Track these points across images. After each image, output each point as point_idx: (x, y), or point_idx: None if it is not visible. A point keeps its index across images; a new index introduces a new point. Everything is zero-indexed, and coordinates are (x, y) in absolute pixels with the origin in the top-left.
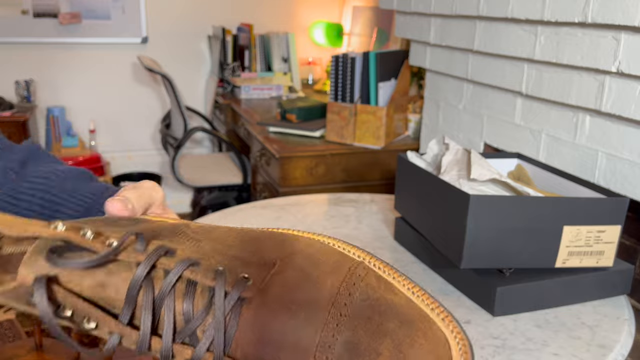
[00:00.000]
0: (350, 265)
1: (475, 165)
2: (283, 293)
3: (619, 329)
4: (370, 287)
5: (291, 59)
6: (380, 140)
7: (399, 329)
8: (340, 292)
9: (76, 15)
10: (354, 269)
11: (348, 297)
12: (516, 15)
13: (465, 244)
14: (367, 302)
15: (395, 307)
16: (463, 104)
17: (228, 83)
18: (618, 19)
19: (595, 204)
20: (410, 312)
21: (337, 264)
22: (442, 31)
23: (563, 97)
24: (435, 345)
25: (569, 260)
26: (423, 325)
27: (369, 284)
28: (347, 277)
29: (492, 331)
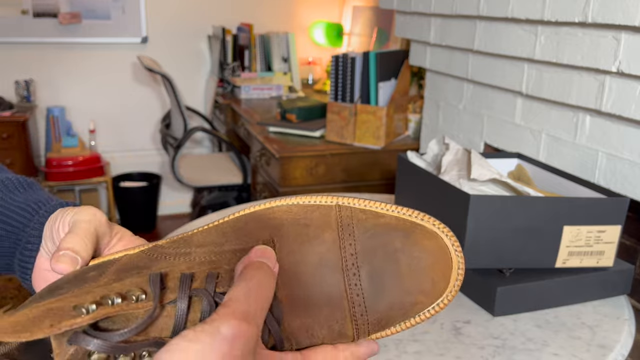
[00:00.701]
0: (334, 213)
1: (476, 165)
2: (296, 262)
3: (619, 329)
4: (361, 221)
5: (291, 59)
6: (380, 140)
7: (404, 243)
8: (341, 238)
9: (76, 15)
10: (340, 213)
11: (350, 238)
12: (516, 15)
13: (465, 244)
14: (366, 234)
15: (391, 228)
16: (463, 104)
17: (228, 83)
18: (618, 19)
19: (596, 204)
20: (405, 226)
21: (322, 217)
22: (442, 31)
23: (563, 97)
24: (436, 240)
25: (569, 260)
26: (420, 230)
27: (359, 219)
28: (340, 223)
29: (492, 331)
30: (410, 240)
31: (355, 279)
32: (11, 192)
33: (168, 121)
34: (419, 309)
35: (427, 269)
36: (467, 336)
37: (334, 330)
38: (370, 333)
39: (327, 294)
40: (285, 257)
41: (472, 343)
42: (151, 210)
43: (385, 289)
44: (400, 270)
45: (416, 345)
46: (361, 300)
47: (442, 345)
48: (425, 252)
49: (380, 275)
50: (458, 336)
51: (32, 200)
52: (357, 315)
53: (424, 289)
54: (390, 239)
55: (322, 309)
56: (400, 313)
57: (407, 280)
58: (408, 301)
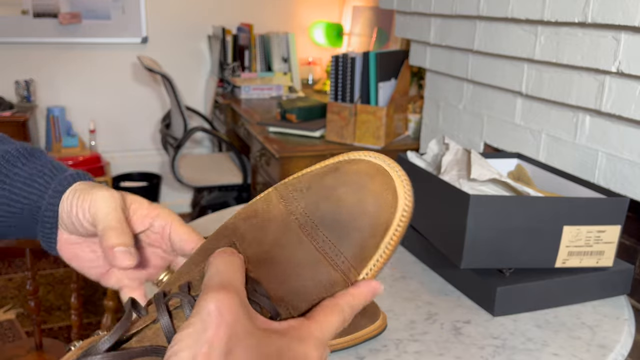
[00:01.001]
0: (273, 195)
1: (475, 165)
2: (259, 246)
3: (619, 329)
4: (296, 186)
5: (291, 59)
6: (380, 140)
7: (335, 179)
8: (286, 206)
9: (76, 15)
10: (278, 192)
11: (294, 202)
12: (516, 15)
13: (465, 244)
14: (304, 191)
15: (320, 175)
16: (463, 104)
17: (228, 83)
18: (618, 19)
19: (595, 204)
20: (331, 167)
21: (264, 202)
22: (442, 31)
23: (563, 97)
24: (361, 162)
25: (569, 260)
26: (344, 163)
27: (294, 185)
28: (281, 198)
29: (492, 331)
30: (339, 174)
31: (314, 229)
32: (14, 166)
33: (168, 121)
34: (383, 225)
35: (366, 187)
36: (467, 336)
37: (322, 282)
38: (357, 269)
39: (297, 255)
40: (248, 248)
41: (472, 343)
42: None
43: (342, 222)
44: (344, 200)
45: (416, 345)
46: (330, 244)
47: (442, 345)
48: (357, 174)
49: (332, 213)
50: (458, 336)
51: (37, 174)
52: (333, 259)
53: (374, 203)
54: (323, 182)
55: (302, 269)
56: (368, 235)
57: (354, 206)
58: (367, 222)
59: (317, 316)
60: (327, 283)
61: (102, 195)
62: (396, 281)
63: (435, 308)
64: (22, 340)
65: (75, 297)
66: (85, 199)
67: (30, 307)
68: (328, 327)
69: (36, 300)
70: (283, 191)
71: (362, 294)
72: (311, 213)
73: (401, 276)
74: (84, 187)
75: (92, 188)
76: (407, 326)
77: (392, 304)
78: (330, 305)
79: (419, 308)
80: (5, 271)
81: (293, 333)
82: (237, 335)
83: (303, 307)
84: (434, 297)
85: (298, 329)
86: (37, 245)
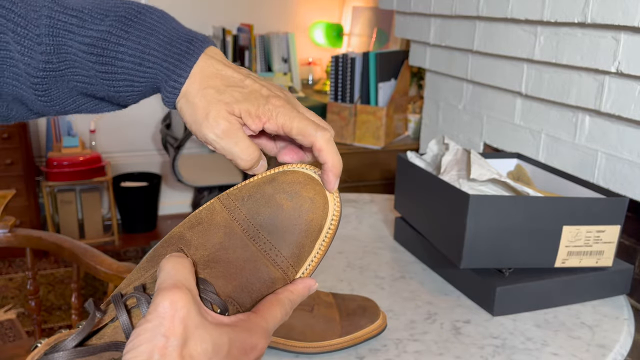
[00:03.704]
0: (216, 204)
1: (475, 165)
2: (204, 249)
3: (618, 328)
4: (238, 195)
5: (291, 59)
6: (380, 140)
7: (273, 187)
8: (229, 214)
9: None
10: (221, 201)
11: (236, 210)
12: (516, 15)
13: (465, 243)
14: (245, 200)
15: (260, 184)
16: (463, 104)
17: None
18: (618, 19)
19: (595, 203)
20: (269, 178)
21: (208, 211)
22: (442, 31)
23: (563, 97)
24: (295, 173)
25: (569, 260)
26: (281, 174)
27: (236, 195)
28: (224, 206)
29: (492, 331)
30: (277, 182)
31: (255, 232)
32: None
33: (168, 121)
34: (316, 226)
35: (300, 193)
36: (467, 336)
37: (264, 279)
38: (295, 267)
39: (241, 256)
40: (195, 252)
41: (471, 343)
42: (151, 210)
43: (280, 225)
44: (281, 205)
45: (416, 344)
46: (269, 245)
47: (442, 344)
48: (292, 183)
49: (271, 218)
50: (458, 336)
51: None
52: (273, 257)
53: (307, 208)
54: (263, 191)
55: (245, 268)
56: (303, 236)
57: (290, 210)
58: (302, 223)
59: (262, 310)
60: (268, 280)
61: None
62: (396, 281)
63: (435, 308)
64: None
65: (75, 297)
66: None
67: (30, 306)
68: (272, 319)
69: (37, 300)
70: (225, 201)
71: (299, 290)
72: (252, 218)
73: (401, 276)
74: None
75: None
76: (407, 326)
77: (392, 303)
78: (273, 300)
79: (419, 308)
80: (6, 271)
81: (242, 325)
82: (191, 328)
83: (247, 303)
84: (433, 297)
85: (246, 321)
86: (38, 245)
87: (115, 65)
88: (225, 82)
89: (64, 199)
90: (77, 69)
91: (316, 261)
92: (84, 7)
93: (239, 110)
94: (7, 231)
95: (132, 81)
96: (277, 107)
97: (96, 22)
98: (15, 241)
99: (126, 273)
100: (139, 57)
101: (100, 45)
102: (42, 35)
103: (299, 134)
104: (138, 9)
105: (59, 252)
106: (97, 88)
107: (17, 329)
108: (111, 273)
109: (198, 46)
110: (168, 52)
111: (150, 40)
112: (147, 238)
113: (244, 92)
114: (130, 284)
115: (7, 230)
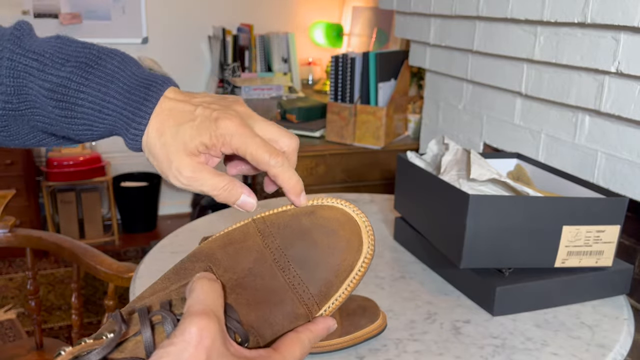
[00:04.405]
0: (251, 225)
1: (475, 165)
2: (234, 273)
3: (618, 328)
4: (274, 222)
5: (291, 59)
6: (380, 140)
7: (311, 221)
8: (263, 240)
9: (77, 16)
10: (255, 224)
11: (270, 237)
12: (516, 15)
13: (465, 243)
14: (281, 228)
15: (298, 216)
16: (463, 104)
17: (228, 83)
18: (617, 19)
19: (595, 203)
20: (308, 210)
21: (241, 232)
22: (441, 31)
23: (562, 97)
24: (335, 209)
25: (568, 260)
26: (320, 208)
27: (272, 221)
28: (258, 230)
29: (492, 331)
30: (315, 217)
31: (286, 264)
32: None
33: None
34: (347, 267)
35: (337, 232)
36: (467, 336)
37: (288, 313)
38: (319, 305)
39: (269, 286)
40: (224, 274)
41: (471, 343)
42: (151, 210)
43: (312, 262)
44: (317, 241)
45: (416, 344)
46: (298, 279)
47: (442, 344)
48: (330, 220)
49: (304, 252)
50: (457, 336)
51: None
52: (300, 293)
53: (342, 248)
54: (300, 223)
55: (270, 299)
56: (334, 276)
57: (325, 247)
58: (334, 263)
59: (282, 348)
60: (292, 315)
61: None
62: (396, 281)
63: (435, 308)
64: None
65: (75, 296)
66: None
67: (30, 306)
68: (292, 359)
69: (37, 300)
70: (261, 225)
71: (319, 330)
72: (285, 249)
73: (401, 276)
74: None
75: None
76: (407, 326)
77: (392, 303)
78: (294, 339)
79: (419, 308)
80: (6, 271)
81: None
82: (213, 359)
83: (268, 336)
84: (433, 297)
85: (267, 358)
86: (38, 245)
87: (75, 110)
88: (177, 120)
89: (64, 199)
90: (37, 109)
91: (340, 301)
92: (45, 51)
93: (195, 147)
94: (7, 231)
95: (91, 126)
96: (230, 130)
97: (57, 66)
98: (15, 241)
99: (126, 273)
100: (99, 105)
101: (60, 91)
102: (3, 76)
103: (253, 160)
104: (99, 54)
105: (59, 252)
106: (57, 129)
107: (17, 329)
108: (111, 273)
109: (156, 90)
110: (127, 100)
111: (109, 88)
112: (147, 238)
113: (195, 125)
114: (155, 294)
115: (7, 230)
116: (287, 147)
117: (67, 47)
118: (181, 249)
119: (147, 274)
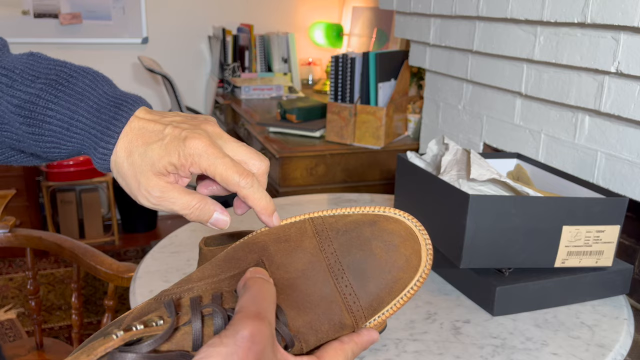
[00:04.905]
0: (308, 224)
1: (475, 165)
2: (286, 272)
3: (618, 328)
4: (332, 225)
5: (291, 59)
6: (380, 141)
7: (372, 231)
8: (319, 242)
9: (77, 16)
10: (313, 223)
11: (326, 240)
12: (515, 15)
13: (465, 243)
14: (339, 233)
15: (359, 222)
16: (463, 104)
17: (228, 83)
18: (617, 19)
19: (595, 203)
20: (370, 218)
21: (298, 230)
22: (441, 31)
23: (562, 98)
24: (399, 223)
25: (568, 260)
26: (383, 219)
27: (330, 223)
28: (315, 231)
29: (492, 331)
30: (377, 228)
31: (340, 272)
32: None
33: None
34: (402, 285)
35: (398, 247)
36: (467, 336)
37: (335, 322)
38: (366, 318)
39: (319, 291)
40: (276, 271)
41: (471, 342)
42: (151, 210)
43: (368, 273)
44: (375, 254)
45: (415, 344)
46: (350, 289)
47: (442, 344)
48: (392, 234)
49: (360, 262)
50: (457, 335)
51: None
52: (350, 303)
53: (400, 265)
54: (360, 231)
55: (319, 305)
56: (386, 292)
57: (383, 261)
58: (389, 279)
59: (326, 356)
60: (338, 324)
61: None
62: None
63: (435, 308)
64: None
65: (75, 296)
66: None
67: (30, 306)
68: None
69: (37, 300)
70: (319, 226)
71: (363, 342)
72: (341, 256)
73: None
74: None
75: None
76: (406, 326)
77: None
78: (338, 349)
79: (419, 308)
80: (6, 271)
81: None
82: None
83: (312, 343)
84: (433, 297)
85: None
86: (38, 245)
87: (42, 127)
88: (146, 140)
89: (64, 199)
90: (5, 125)
91: (387, 315)
92: (16, 67)
93: (163, 167)
94: (7, 231)
95: (59, 144)
96: (198, 150)
97: (26, 83)
98: (16, 241)
99: (126, 273)
100: (67, 122)
101: (28, 108)
102: None
103: (222, 181)
104: (70, 72)
105: (59, 252)
106: (24, 145)
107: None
108: (111, 273)
109: (127, 110)
110: (96, 119)
111: (79, 107)
112: (147, 238)
113: (164, 145)
114: (203, 279)
115: (7, 230)
116: (257, 169)
117: (39, 64)
118: (181, 249)
119: (147, 274)
